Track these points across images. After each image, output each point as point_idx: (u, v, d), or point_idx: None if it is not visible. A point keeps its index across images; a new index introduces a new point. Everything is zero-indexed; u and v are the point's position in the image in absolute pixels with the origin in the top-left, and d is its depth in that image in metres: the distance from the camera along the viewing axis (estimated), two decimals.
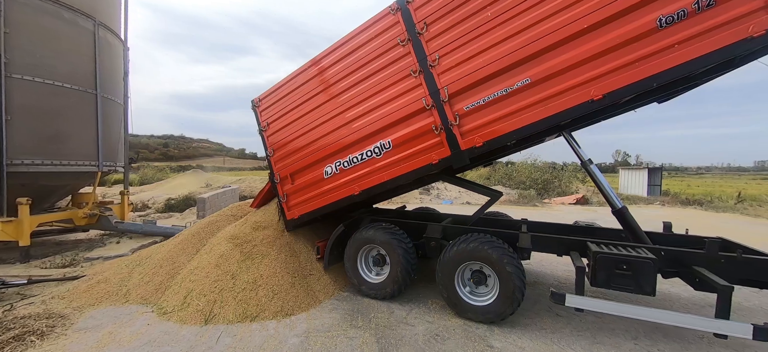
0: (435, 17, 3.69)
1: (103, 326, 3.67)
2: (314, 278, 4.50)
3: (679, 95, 4.11)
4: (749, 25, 2.46)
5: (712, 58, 2.57)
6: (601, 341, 3.37)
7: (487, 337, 3.40)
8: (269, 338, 3.36)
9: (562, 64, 3.08)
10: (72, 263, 5.60)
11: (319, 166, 4.56)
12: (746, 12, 2.49)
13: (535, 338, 3.41)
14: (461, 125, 3.60)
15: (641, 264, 3.08)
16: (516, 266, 3.52)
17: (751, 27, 2.46)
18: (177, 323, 3.65)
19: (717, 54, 2.55)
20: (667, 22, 2.70)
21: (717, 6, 2.56)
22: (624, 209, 3.87)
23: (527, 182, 18.20)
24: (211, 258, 4.28)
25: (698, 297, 4.42)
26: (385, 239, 4.25)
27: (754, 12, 2.47)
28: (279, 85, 4.91)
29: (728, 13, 2.53)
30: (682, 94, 4.05)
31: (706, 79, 3.46)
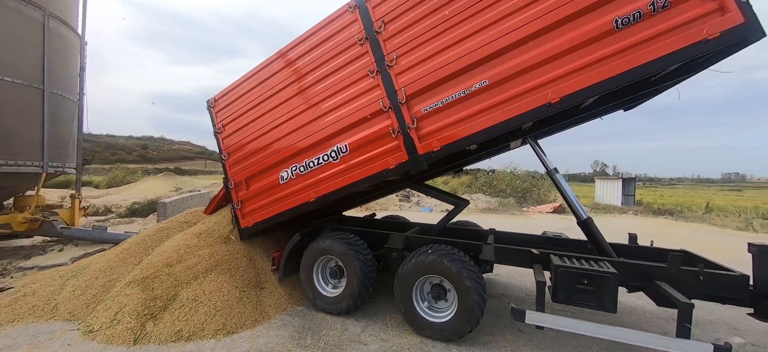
0: (393, 16, 3.48)
1: (17, 346, 3.21)
2: (266, 292, 4.15)
3: (643, 102, 4.02)
4: (704, 28, 2.35)
5: (667, 60, 2.44)
6: None
7: (428, 346, 3.15)
8: None
9: (519, 66, 2.91)
10: (2, 273, 5.03)
11: (275, 171, 4.25)
12: (701, 14, 2.37)
13: None
14: (419, 129, 3.38)
15: (602, 279, 2.91)
16: (476, 280, 3.28)
17: (706, 29, 2.34)
18: (102, 343, 3.23)
19: (673, 57, 2.42)
20: (624, 23, 2.56)
21: (672, 7, 2.44)
22: (589, 220, 3.72)
23: (507, 190, 18.27)
24: (150, 270, 3.88)
25: (664, 310, 4.31)
26: (342, 250, 3.95)
27: (708, 14, 2.36)
28: (235, 85, 4.60)
29: (683, 15, 2.41)
30: (646, 100, 3.96)
31: (667, 85, 3.37)
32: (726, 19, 2.31)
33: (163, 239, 4.74)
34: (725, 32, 2.31)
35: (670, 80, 3.18)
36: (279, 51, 4.23)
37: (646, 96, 3.78)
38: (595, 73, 2.65)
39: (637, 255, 3.90)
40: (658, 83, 3.14)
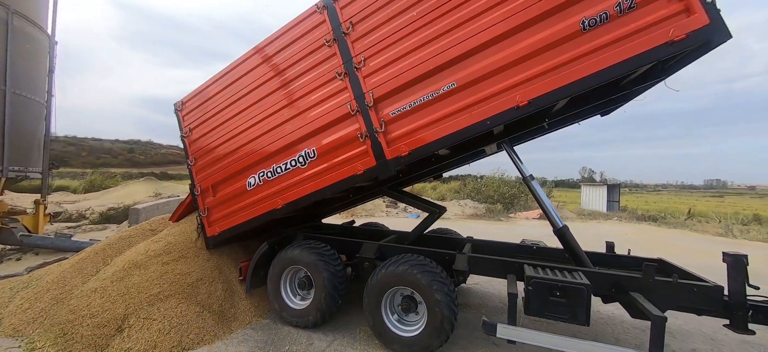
0: (361, 17, 3.35)
1: None
2: (229, 304, 3.92)
3: (618, 106, 3.95)
4: (670, 29, 2.26)
5: (635, 62, 2.35)
6: None
7: None
8: None
9: (487, 69, 2.79)
10: None
11: (242, 177, 4.05)
12: (667, 15, 2.29)
13: None
14: (387, 133, 3.23)
15: (575, 291, 2.76)
16: (446, 293, 3.12)
17: (672, 31, 2.25)
18: None
19: (640, 58, 2.33)
20: (590, 24, 2.47)
21: (638, 9, 2.36)
22: (564, 228, 3.59)
23: (495, 196, 18.25)
24: (98, 288, 3.61)
25: (641, 321, 4.21)
26: (311, 261, 3.75)
27: (675, 15, 2.27)
28: (203, 88, 4.40)
29: (650, 16, 2.33)
30: (621, 105, 3.89)
31: (641, 88, 3.30)
32: (692, 20, 2.23)
33: (124, 248, 4.47)
34: (691, 33, 2.23)
35: (643, 84, 3.10)
36: (248, 52, 4.07)
37: (620, 100, 3.71)
38: (562, 76, 2.55)
39: (614, 264, 3.81)
40: (630, 86, 3.06)
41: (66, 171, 26.23)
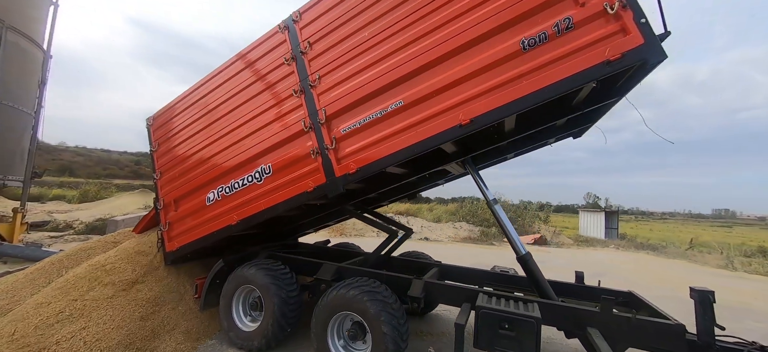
0: (318, 36, 3.37)
1: None
2: (168, 328, 3.72)
3: (587, 126, 3.83)
4: (606, 49, 2.19)
5: (572, 81, 2.26)
6: None
7: None
8: None
9: (432, 88, 2.73)
10: None
11: (202, 192, 3.97)
12: (604, 35, 2.22)
13: None
14: (338, 150, 3.15)
15: (524, 324, 2.56)
16: (394, 326, 2.93)
17: (608, 51, 2.18)
18: None
19: (577, 77, 2.25)
20: (530, 44, 2.41)
21: (576, 29, 2.30)
22: (527, 255, 3.40)
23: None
24: (42, 300, 3.48)
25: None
26: (263, 283, 3.59)
27: (611, 35, 2.21)
28: (172, 104, 4.43)
29: (587, 36, 2.27)
30: (588, 126, 3.78)
31: (597, 108, 3.20)
32: (627, 40, 2.16)
33: (84, 259, 4.36)
34: (626, 53, 2.15)
35: (600, 102, 3.01)
36: (214, 70, 4.10)
37: (587, 120, 3.62)
38: (503, 95, 2.47)
39: (583, 295, 3.60)
40: (583, 107, 2.97)
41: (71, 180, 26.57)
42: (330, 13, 3.29)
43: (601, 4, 2.26)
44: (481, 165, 4.53)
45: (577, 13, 2.32)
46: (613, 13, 2.21)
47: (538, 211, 20.08)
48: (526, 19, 2.46)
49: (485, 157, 4.27)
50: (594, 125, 3.72)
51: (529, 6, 2.44)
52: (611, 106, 3.18)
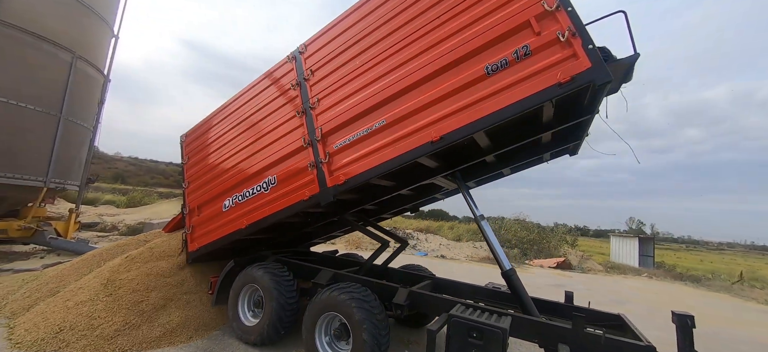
0: (318, 65, 3.84)
1: None
2: (190, 314, 4.20)
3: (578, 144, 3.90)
4: (558, 72, 2.40)
5: (529, 102, 2.47)
6: None
7: None
8: None
9: (409, 108, 3.05)
10: None
11: (220, 199, 4.49)
12: (557, 60, 2.43)
13: None
14: (331, 163, 3.53)
15: (491, 334, 2.66)
16: (374, 335, 3.12)
17: (560, 74, 2.39)
18: (12, 346, 3.42)
19: (533, 98, 2.46)
20: (493, 70, 2.67)
21: (533, 55, 2.53)
22: (511, 271, 3.50)
23: (513, 240, 17.42)
24: (82, 285, 4.11)
25: None
26: (266, 285, 3.95)
27: (563, 60, 2.41)
28: (201, 123, 5.10)
29: (542, 61, 2.49)
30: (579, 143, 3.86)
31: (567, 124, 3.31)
32: (576, 64, 2.35)
33: (119, 253, 5.04)
34: (576, 76, 2.34)
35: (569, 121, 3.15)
36: (233, 96, 4.73)
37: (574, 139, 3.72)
38: (469, 114, 2.72)
39: (569, 315, 3.60)
40: (556, 124, 3.12)
41: (121, 187, 29.25)
42: (329, 45, 3.76)
43: (554, 33, 2.49)
44: (477, 179, 4.70)
45: (533, 41, 2.56)
46: (564, 41, 2.43)
47: (566, 234, 19.18)
48: (489, 47, 2.73)
49: (477, 173, 4.44)
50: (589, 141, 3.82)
51: (493, 36, 2.72)
52: (589, 123, 3.30)
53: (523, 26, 2.64)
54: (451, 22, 2.95)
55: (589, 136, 3.88)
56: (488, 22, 2.78)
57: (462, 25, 2.90)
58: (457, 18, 2.93)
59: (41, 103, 6.77)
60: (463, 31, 2.88)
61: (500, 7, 2.76)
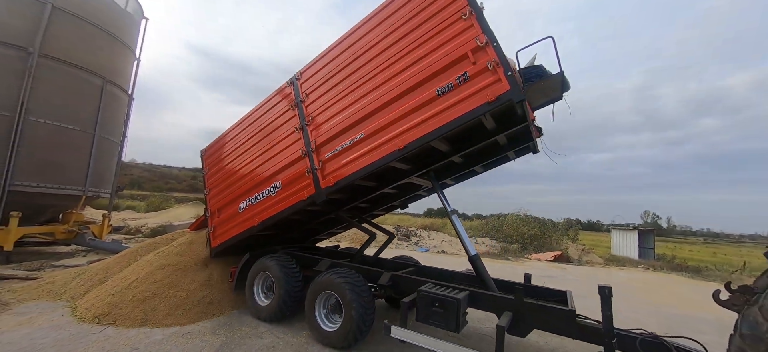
0: (312, 89, 4.65)
1: (30, 312, 4.46)
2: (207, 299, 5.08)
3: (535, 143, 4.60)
4: (487, 93, 3.14)
5: (467, 117, 3.22)
6: None
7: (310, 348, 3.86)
8: (141, 334, 3.99)
9: (381, 124, 3.81)
10: (40, 267, 6.61)
11: (236, 203, 5.32)
12: (488, 84, 3.15)
13: None
14: (323, 169, 4.34)
15: (448, 303, 3.38)
16: (361, 314, 3.87)
17: (488, 94, 3.12)
18: (78, 319, 4.38)
19: (469, 114, 3.21)
20: (442, 92, 3.44)
21: (471, 80, 3.28)
22: (476, 256, 4.22)
23: (514, 235, 17.99)
24: (125, 274, 5.09)
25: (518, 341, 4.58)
26: (277, 274, 4.75)
27: (492, 84, 3.13)
28: (218, 139, 6.00)
29: (477, 84, 3.21)
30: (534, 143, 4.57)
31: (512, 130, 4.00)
32: (500, 86, 3.06)
33: (151, 250, 6.02)
34: (499, 96, 3.06)
35: (516, 126, 3.91)
36: (243, 116, 5.62)
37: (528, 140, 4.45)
38: (425, 127, 3.46)
39: (529, 293, 4.32)
40: (502, 129, 3.89)
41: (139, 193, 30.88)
42: (318, 74, 4.57)
43: (485, 63, 3.23)
44: (453, 177, 5.38)
45: (470, 69, 3.30)
46: (492, 69, 3.18)
47: (568, 229, 19.64)
48: (439, 74, 3.47)
49: (451, 172, 5.18)
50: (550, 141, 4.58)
51: (442, 65, 3.46)
52: (529, 130, 4.05)
53: (463, 57, 3.39)
54: (409, 55, 3.72)
55: (543, 136, 4.65)
56: (438, 54, 3.53)
57: (418, 57, 3.65)
58: (414, 52, 3.69)
59: (79, 124, 7.87)
60: (420, 62, 3.63)
61: (447, 43, 3.52)
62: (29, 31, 7.17)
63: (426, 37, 3.69)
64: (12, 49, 7.06)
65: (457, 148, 4.13)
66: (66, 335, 3.92)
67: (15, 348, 3.59)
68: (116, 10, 9.22)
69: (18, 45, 7.10)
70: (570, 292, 4.06)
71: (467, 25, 3.40)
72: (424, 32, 3.70)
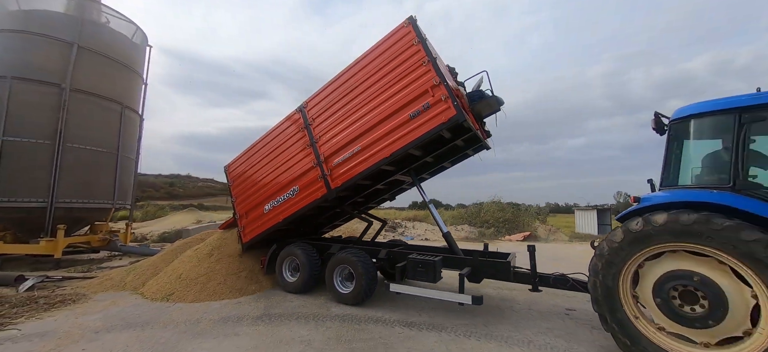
0: (317, 114, 6.05)
1: (110, 298, 5.71)
2: (252, 280, 6.57)
3: (483, 143, 6.29)
4: (442, 117, 4.59)
5: (431, 133, 4.69)
6: (402, 308, 5.37)
7: (330, 307, 5.36)
8: (204, 305, 5.36)
9: (372, 139, 5.21)
10: (89, 270, 7.84)
11: (262, 205, 6.61)
12: (442, 110, 4.59)
13: (357, 309, 5.26)
14: (331, 175, 5.84)
15: (428, 264, 4.89)
16: (368, 281, 5.33)
17: (443, 117, 4.57)
18: (150, 300, 5.76)
19: (432, 131, 4.67)
20: (413, 115, 4.89)
21: (431, 108, 4.75)
22: (448, 233, 5.74)
23: (490, 220, 20.07)
24: (175, 266, 6.51)
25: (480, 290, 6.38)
26: (300, 255, 6.15)
27: (444, 111, 4.57)
28: (240, 156, 7.28)
29: (437, 109, 4.65)
30: (482, 143, 6.27)
31: (464, 136, 5.70)
32: (449, 112, 4.51)
33: (186, 248, 7.40)
34: (450, 118, 4.50)
35: (464, 135, 5.62)
36: (260, 137, 7.03)
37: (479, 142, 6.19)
38: (403, 140, 4.87)
39: (481, 256, 6.00)
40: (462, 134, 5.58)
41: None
42: (322, 102, 5.94)
43: (440, 96, 4.64)
44: (429, 172, 6.83)
45: (430, 100, 4.69)
46: (444, 100, 4.63)
47: (537, 213, 21.96)
48: (411, 103, 4.88)
49: (426, 169, 6.75)
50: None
51: (412, 97, 4.86)
52: (477, 137, 5.71)
53: (425, 92, 4.79)
54: (389, 90, 5.14)
55: (491, 136, 6.38)
56: (408, 89, 4.95)
57: (395, 91, 5.07)
58: (392, 87, 5.12)
59: (105, 146, 8.97)
60: (396, 94, 5.04)
61: (414, 82, 4.91)
62: (61, 69, 8.26)
63: (400, 76, 5.12)
64: (50, 87, 8.14)
65: (428, 152, 5.71)
66: (149, 309, 5.28)
67: (122, 315, 5.03)
68: (127, 43, 10.32)
69: (54, 83, 8.20)
70: (513, 254, 5.51)
71: (426, 70, 4.87)
72: (399, 74, 5.14)
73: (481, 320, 4.92)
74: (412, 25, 5.14)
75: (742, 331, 3.03)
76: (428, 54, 4.95)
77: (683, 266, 3.26)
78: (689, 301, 3.21)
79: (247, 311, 5.24)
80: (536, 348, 3.98)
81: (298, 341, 4.16)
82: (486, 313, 5.20)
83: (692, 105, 3.78)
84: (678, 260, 3.31)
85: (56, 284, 6.73)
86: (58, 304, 5.38)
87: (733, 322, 3.04)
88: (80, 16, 8.97)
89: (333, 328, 4.58)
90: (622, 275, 3.51)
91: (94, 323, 4.74)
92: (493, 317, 5.06)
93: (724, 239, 2.96)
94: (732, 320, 3.04)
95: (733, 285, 3.03)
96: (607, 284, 3.56)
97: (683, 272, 3.24)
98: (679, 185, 3.73)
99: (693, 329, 3.19)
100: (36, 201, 7.82)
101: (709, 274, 3.13)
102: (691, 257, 3.26)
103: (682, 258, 3.30)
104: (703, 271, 3.16)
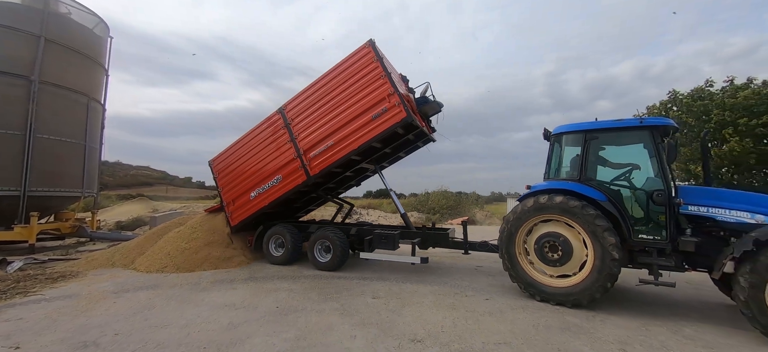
0: (295, 114, 6.93)
1: (107, 273, 6.20)
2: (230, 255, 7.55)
3: (430, 137, 8.06)
4: (397, 117, 5.88)
5: (390, 130, 5.91)
6: (359, 270, 6.99)
7: (303, 270, 6.59)
8: (196, 274, 6.10)
9: (343, 135, 6.25)
10: (67, 253, 8.12)
11: (248, 192, 7.32)
12: (396, 113, 5.77)
13: (326, 273, 6.60)
14: (309, 164, 6.87)
15: (389, 236, 6.17)
16: (342, 252, 6.49)
17: (397, 118, 5.82)
18: (145, 273, 6.40)
19: (391, 128, 5.92)
20: (375, 117, 6.26)
21: (388, 111, 6.07)
22: (404, 213, 7.38)
23: (436, 207, 22.61)
24: (161, 246, 7.22)
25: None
26: (285, 233, 7.10)
27: (398, 113, 5.78)
28: (225, 150, 7.89)
29: (391, 113, 5.82)
30: (430, 137, 8.11)
31: (415, 131, 7.52)
32: (401, 114, 5.75)
33: (167, 231, 7.99)
34: (402, 119, 5.73)
35: (412, 136, 7.36)
36: (245, 133, 7.93)
37: (423, 136, 7.98)
38: (366, 136, 5.99)
39: (428, 230, 7.76)
40: (412, 130, 7.29)
41: None
42: (299, 105, 6.83)
43: (394, 102, 5.84)
44: (389, 160, 8.09)
45: (387, 105, 5.86)
46: (397, 105, 5.89)
47: (477, 200, 25.14)
48: (372, 107, 5.99)
49: (386, 158, 8.01)
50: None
51: (373, 102, 5.98)
52: (425, 133, 7.48)
53: (383, 97, 5.94)
54: (356, 96, 6.22)
55: (436, 131, 7.92)
56: (372, 95, 6.07)
57: (360, 98, 6.16)
58: (358, 94, 6.21)
59: (73, 136, 8.90)
60: (361, 100, 6.14)
61: (375, 91, 6.04)
62: (29, 62, 8.08)
63: (363, 86, 6.25)
64: (20, 79, 7.98)
65: (387, 145, 7.03)
66: (149, 278, 5.80)
67: (130, 283, 5.81)
68: (91, 35, 10.09)
69: (24, 75, 8.07)
70: (452, 228, 7.14)
71: (384, 82, 6.05)
72: (362, 84, 6.27)
73: (416, 276, 6.43)
74: (372, 47, 6.33)
75: (572, 272, 4.71)
76: (385, 70, 6.18)
77: (557, 230, 4.81)
78: (552, 251, 4.82)
79: (236, 276, 6.09)
80: (448, 286, 5.53)
81: (283, 290, 5.20)
82: (421, 271, 6.69)
83: (564, 125, 5.34)
84: (555, 226, 4.79)
85: (44, 265, 7.13)
86: (59, 279, 5.66)
87: (570, 266, 4.68)
88: (43, 7, 8.81)
89: (307, 282, 5.70)
90: (521, 228, 5.01)
91: (108, 288, 5.20)
92: (426, 273, 6.59)
93: (576, 214, 4.52)
94: (570, 264, 4.69)
95: (579, 246, 4.61)
96: (510, 231, 5.11)
97: (555, 233, 4.79)
98: (555, 178, 5.29)
99: (549, 266, 4.81)
100: (7, 190, 7.81)
101: (568, 236, 4.69)
102: (565, 226, 4.67)
103: (558, 225, 4.76)
104: (567, 235, 4.71)
